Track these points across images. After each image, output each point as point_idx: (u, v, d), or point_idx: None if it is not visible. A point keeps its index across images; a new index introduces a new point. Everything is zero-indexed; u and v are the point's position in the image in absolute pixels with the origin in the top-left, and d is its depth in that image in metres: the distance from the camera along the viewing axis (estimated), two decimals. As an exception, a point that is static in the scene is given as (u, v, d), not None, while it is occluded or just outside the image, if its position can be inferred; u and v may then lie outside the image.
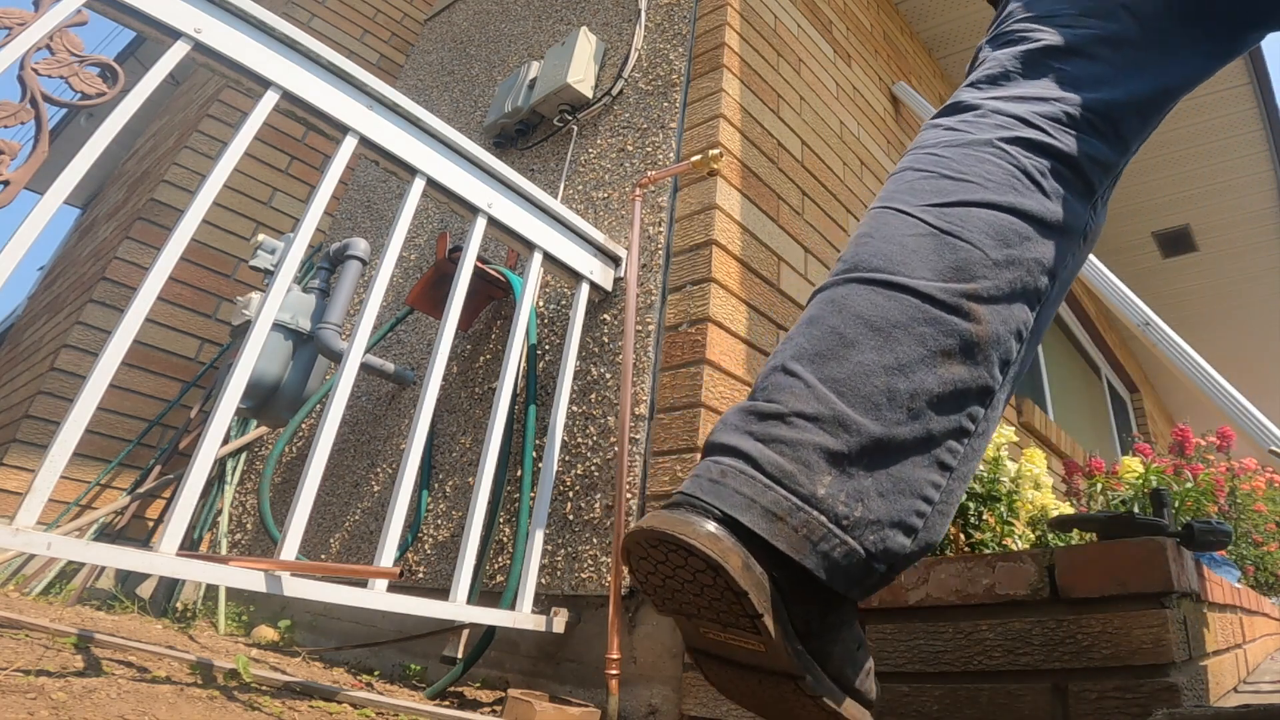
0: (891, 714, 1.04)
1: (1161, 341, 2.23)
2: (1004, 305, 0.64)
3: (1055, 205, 0.68)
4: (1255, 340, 6.14)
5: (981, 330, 0.62)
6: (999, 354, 0.63)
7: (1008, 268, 0.64)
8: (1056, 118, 0.72)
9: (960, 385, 0.61)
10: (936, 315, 0.61)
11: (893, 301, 0.62)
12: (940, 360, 0.60)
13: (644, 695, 1.36)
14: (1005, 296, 0.64)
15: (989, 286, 0.63)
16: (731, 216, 1.73)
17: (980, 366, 0.62)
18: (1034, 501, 1.61)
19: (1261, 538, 2.70)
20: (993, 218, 0.66)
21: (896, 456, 0.58)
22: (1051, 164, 0.70)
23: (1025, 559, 1.01)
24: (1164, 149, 4.21)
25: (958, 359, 0.61)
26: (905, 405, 0.58)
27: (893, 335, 0.60)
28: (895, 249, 0.65)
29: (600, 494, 1.54)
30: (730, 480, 0.57)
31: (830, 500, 0.55)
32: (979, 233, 0.65)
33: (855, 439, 0.57)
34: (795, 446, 0.57)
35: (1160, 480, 2.13)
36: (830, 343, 0.61)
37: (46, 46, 1.01)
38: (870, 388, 0.59)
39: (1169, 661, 0.87)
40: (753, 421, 0.59)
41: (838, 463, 0.57)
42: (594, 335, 1.75)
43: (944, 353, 0.60)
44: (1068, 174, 0.70)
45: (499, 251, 2.23)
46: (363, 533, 2.04)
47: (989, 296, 0.63)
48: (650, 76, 2.08)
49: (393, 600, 1.20)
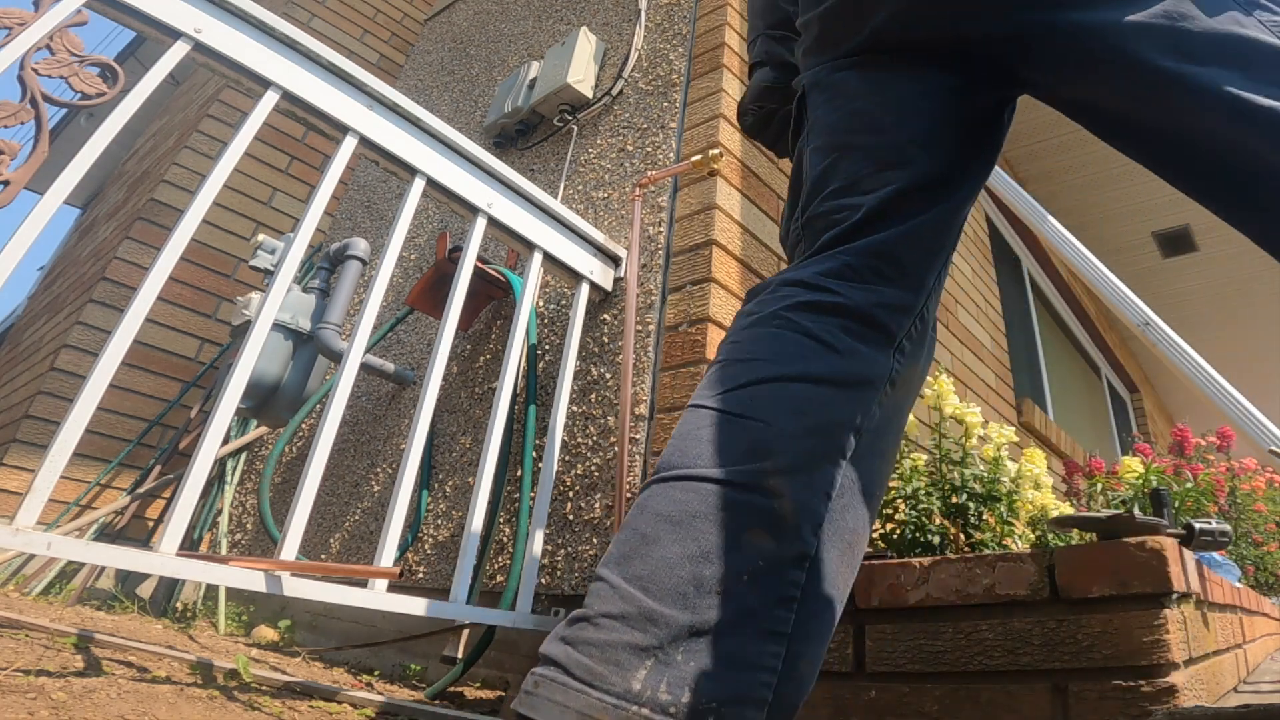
0: (891, 714, 1.04)
1: (1161, 341, 2.23)
2: (804, 474, 0.64)
3: (850, 362, 0.68)
4: (1255, 340, 6.15)
5: (784, 504, 0.62)
6: (809, 521, 0.63)
7: (805, 437, 0.65)
8: (839, 273, 0.72)
9: (771, 559, 0.61)
10: (735, 499, 0.62)
11: (690, 494, 0.63)
12: (745, 540, 0.61)
13: (644, 695, 1.35)
14: (805, 465, 0.64)
15: (786, 461, 0.63)
16: (731, 216, 1.73)
17: (789, 537, 0.62)
18: (1034, 501, 1.61)
19: (1261, 538, 2.70)
20: (783, 390, 0.66)
21: (717, 638, 0.58)
22: (840, 321, 0.70)
23: (1025, 559, 1.01)
24: (1164, 149, 4.20)
25: (764, 535, 0.61)
26: (714, 590, 0.58)
27: (693, 525, 0.61)
28: (691, 444, 0.66)
29: (600, 494, 1.54)
30: (543, 690, 0.56)
31: (649, 692, 0.55)
32: (770, 409, 0.66)
33: (665, 630, 0.57)
34: (603, 647, 0.57)
35: (1160, 480, 2.13)
36: (634, 544, 0.62)
37: (46, 46, 1.01)
38: (675, 579, 0.59)
39: (1169, 661, 0.87)
40: (565, 628, 0.60)
41: (650, 655, 0.56)
42: (594, 335, 1.75)
43: (749, 532, 0.61)
44: (858, 328, 0.70)
45: (499, 251, 2.23)
46: (363, 533, 2.04)
47: (788, 469, 0.63)
48: (650, 76, 2.08)
49: (393, 600, 1.20)
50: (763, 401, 0.66)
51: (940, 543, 1.49)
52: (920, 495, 1.54)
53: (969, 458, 1.59)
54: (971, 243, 3.36)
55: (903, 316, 0.73)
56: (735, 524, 0.61)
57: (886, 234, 0.74)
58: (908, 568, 1.10)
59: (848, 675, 1.11)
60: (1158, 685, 0.86)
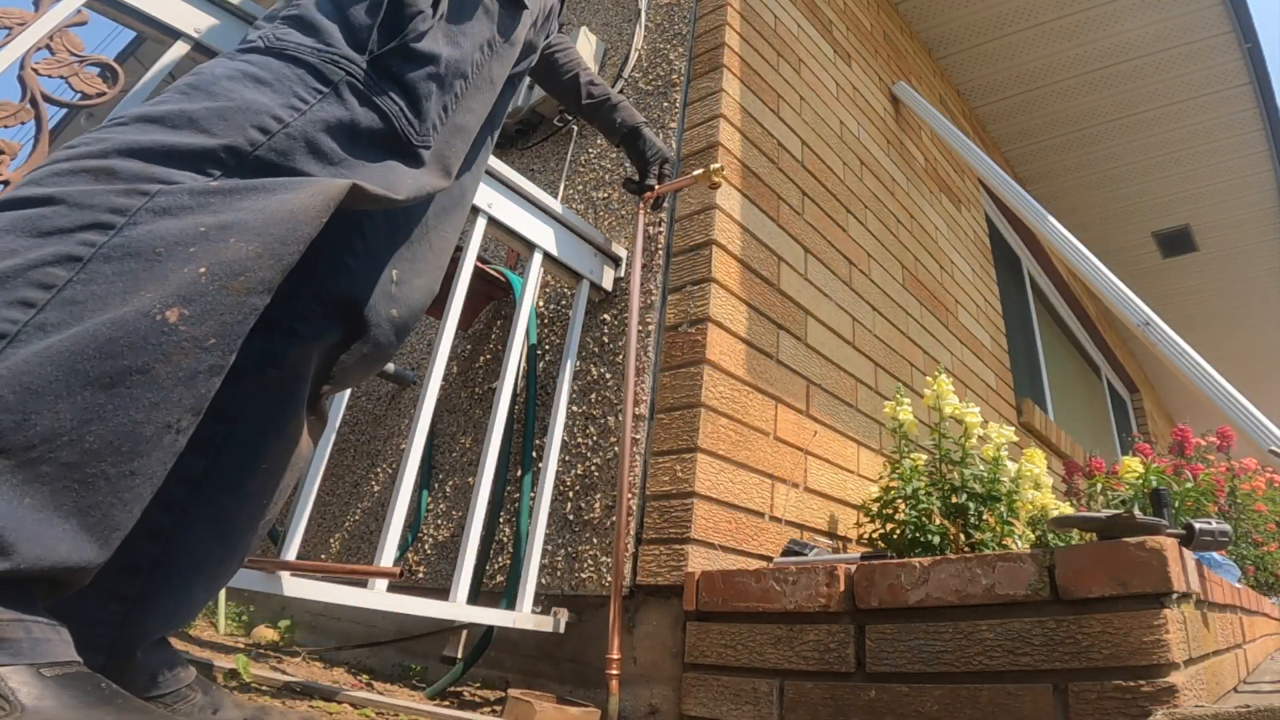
0: (891, 714, 1.04)
1: (1161, 341, 2.23)
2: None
3: None
4: (1255, 340, 6.15)
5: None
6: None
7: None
8: None
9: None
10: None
11: None
12: None
13: (644, 695, 1.36)
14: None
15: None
16: (731, 216, 1.73)
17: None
18: (1034, 501, 1.61)
19: (1261, 538, 2.70)
20: None
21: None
22: None
23: (1025, 559, 1.01)
24: (1164, 149, 4.21)
25: None
26: None
27: None
28: None
29: (600, 494, 1.54)
30: None
31: None
32: None
33: None
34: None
35: (1160, 480, 2.13)
36: None
37: (46, 46, 1.01)
38: None
39: (1169, 661, 0.87)
40: None
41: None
42: (594, 335, 1.75)
43: None
44: None
45: (499, 251, 2.23)
46: (363, 533, 2.04)
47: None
48: (650, 76, 2.08)
49: (393, 600, 1.20)
50: None
51: (940, 543, 1.49)
52: (920, 495, 1.54)
53: (969, 458, 1.59)
54: (971, 243, 3.36)
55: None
56: None
57: None
58: (908, 568, 1.10)
59: (848, 675, 1.11)
60: (1158, 685, 0.86)
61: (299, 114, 0.73)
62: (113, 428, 0.57)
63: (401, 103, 0.82)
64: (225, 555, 0.81)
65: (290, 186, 0.69)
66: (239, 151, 0.69)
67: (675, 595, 1.37)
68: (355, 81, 0.78)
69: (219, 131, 0.68)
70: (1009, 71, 3.81)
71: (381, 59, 0.81)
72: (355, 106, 0.78)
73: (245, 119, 0.70)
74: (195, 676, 0.82)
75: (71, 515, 0.56)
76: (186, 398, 0.61)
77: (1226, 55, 3.57)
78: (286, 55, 0.77)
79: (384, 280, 0.92)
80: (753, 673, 1.20)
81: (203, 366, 0.62)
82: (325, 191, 0.71)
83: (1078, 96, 3.92)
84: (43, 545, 0.54)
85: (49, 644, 0.56)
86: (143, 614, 0.73)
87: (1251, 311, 5.75)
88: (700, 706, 1.24)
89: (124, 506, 0.59)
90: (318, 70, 0.77)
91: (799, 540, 1.51)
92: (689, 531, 1.38)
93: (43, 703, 0.52)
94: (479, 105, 0.94)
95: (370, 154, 0.79)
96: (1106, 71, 3.73)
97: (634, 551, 1.44)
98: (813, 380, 1.85)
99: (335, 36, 0.80)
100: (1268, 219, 4.67)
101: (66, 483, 0.55)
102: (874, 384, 2.12)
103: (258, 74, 0.74)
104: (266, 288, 0.66)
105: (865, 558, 1.26)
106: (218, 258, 0.63)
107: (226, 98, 0.71)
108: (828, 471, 1.81)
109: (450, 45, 0.87)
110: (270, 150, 0.71)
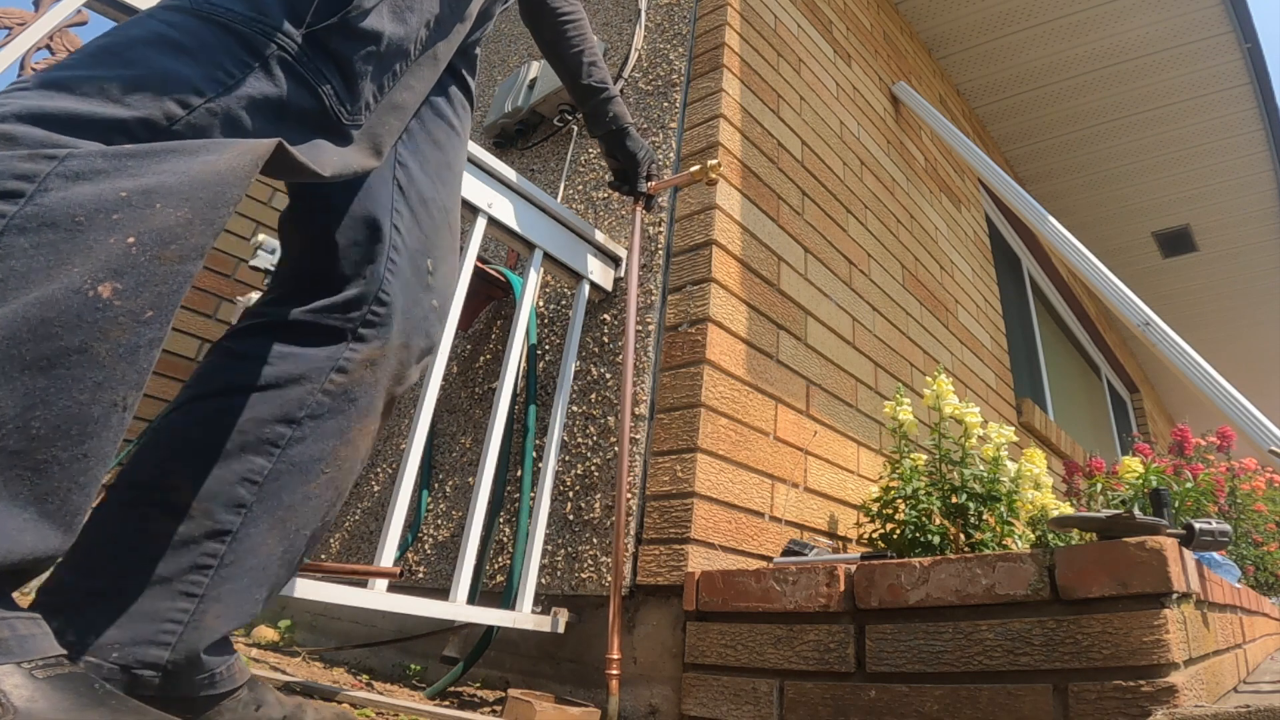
0: (891, 714, 1.04)
1: (1161, 341, 2.23)
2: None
3: None
4: (1255, 340, 6.15)
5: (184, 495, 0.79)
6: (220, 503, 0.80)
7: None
8: None
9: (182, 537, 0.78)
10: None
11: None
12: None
13: (644, 695, 1.36)
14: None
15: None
16: (731, 216, 1.73)
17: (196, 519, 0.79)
18: (1034, 501, 1.61)
19: (1261, 538, 2.71)
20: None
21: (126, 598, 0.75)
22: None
23: (1025, 559, 1.01)
24: (1164, 149, 4.21)
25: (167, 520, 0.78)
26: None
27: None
28: None
29: (600, 494, 1.54)
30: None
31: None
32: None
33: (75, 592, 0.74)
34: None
35: (1160, 480, 2.13)
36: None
37: (46, 46, 1.01)
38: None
39: (1169, 661, 0.87)
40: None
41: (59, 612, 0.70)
42: (594, 335, 1.75)
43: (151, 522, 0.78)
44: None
45: (499, 251, 2.23)
46: (363, 533, 2.04)
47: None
48: (650, 76, 2.08)
49: (393, 600, 1.20)
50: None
51: (940, 543, 1.49)
52: (920, 495, 1.54)
53: (969, 458, 1.59)
54: (971, 243, 3.36)
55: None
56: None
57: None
58: (908, 568, 1.11)
59: (848, 675, 1.11)
60: (1158, 685, 0.86)
61: (223, 88, 0.68)
62: (58, 411, 0.55)
63: (335, 81, 0.77)
64: (285, 555, 0.82)
65: (213, 148, 0.65)
66: (154, 125, 0.64)
67: (675, 595, 1.37)
68: (287, 56, 0.73)
69: (132, 103, 0.64)
70: (1009, 71, 3.81)
71: (318, 34, 0.75)
72: (284, 83, 0.73)
73: (163, 90, 0.65)
74: (250, 675, 0.83)
75: (29, 504, 0.54)
76: (130, 374, 0.59)
77: (1226, 55, 3.57)
78: (214, 20, 0.70)
79: (421, 272, 0.93)
80: (753, 673, 1.20)
81: (142, 341, 0.60)
82: (253, 150, 0.68)
83: (1078, 96, 3.92)
84: (7, 538, 0.53)
85: (35, 639, 0.56)
86: (206, 612, 0.75)
87: (1251, 311, 5.75)
88: (700, 706, 1.24)
89: (80, 490, 0.58)
90: (247, 40, 0.71)
91: (799, 540, 1.51)
92: (689, 531, 1.38)
93: (35, 704, 0.51)
94: (419, 83, 0.90)
95: (296, 133, 0.75)
96: (1107, 71, 3.74)
97: (634, 551, 1.45)
98: (813, 380, 1.85)
99: (270, 5, 0.73)
100: (1268, 219, 4.67)
101: (18, 471, 0.54)
102: (874, 384, 2.12)
103: (179, 39, 0.68)
104: (199, 254, 0.63)
105: (865, 558, 1.26)
106: (145, 225, 0.60)
107: (144, 65, 0.65)
108: (828, 471, 1.81)
109: (395, 22, 0.82)
110: (188, 126, 0.66)
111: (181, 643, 0.73)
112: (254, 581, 0.79)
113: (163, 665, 0.72)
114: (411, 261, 0.92)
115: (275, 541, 0.80)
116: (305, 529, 0.83)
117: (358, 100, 0.80)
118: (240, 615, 0.78)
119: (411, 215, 0.93)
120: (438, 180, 0.99)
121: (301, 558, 0.85)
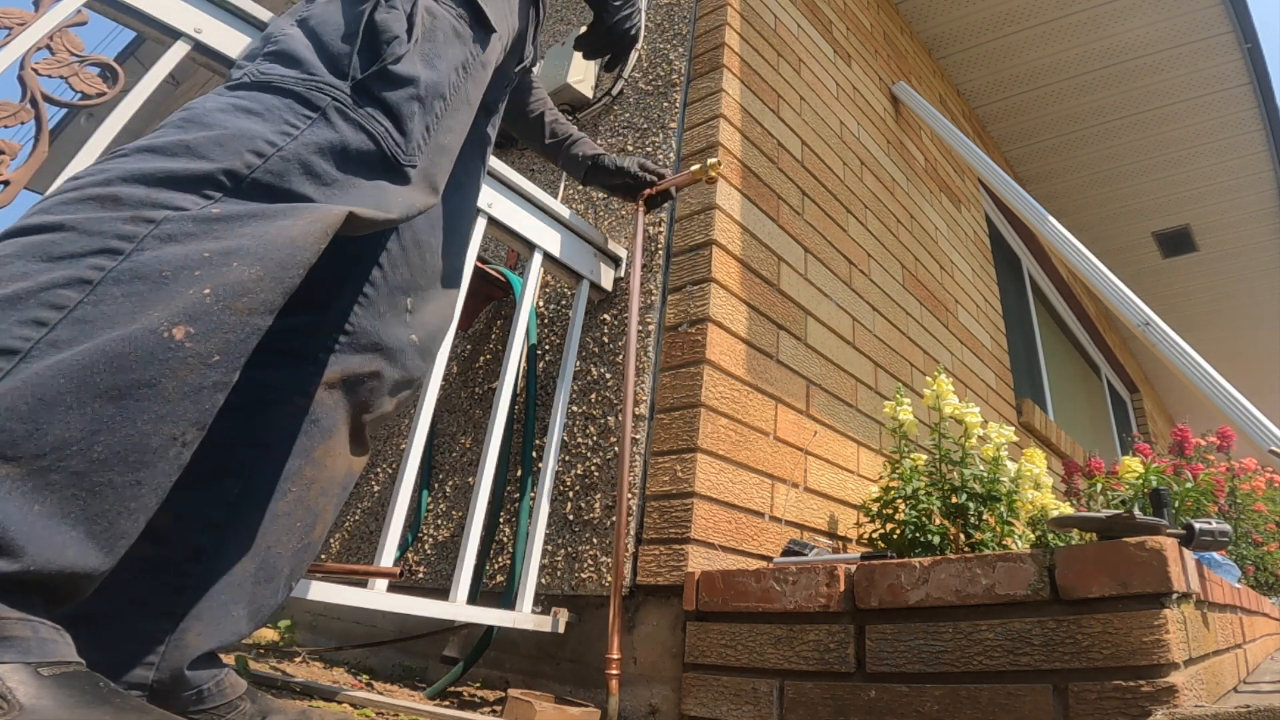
0: (891, 714, 1.04)
1: (1161, 341, 2.23)
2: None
3: None
4: (1255, 340, 6.15)
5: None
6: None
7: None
8: None
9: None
10: None
11: None
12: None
13: (644, 695, 1.36)
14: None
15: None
16: (731, 216, 1.73)
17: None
18: (1034, 501, 1.61)
19: (1261, 538, 2.71)
20: None
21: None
22: None
23: (1025, 559, 1.01)
24: (1164, 149, 4.21)
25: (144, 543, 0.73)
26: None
27: None
28: None
29: (600, 494, 1.54)
30: None
31: None
32: None
33: None
34: None
35: (1160, 480, 2.13)
36: None
37: (46, 46, 1.01)
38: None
39: (1169, 661, 0.87)
40: None
41: None
42: (594, 335, 1.75)
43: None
44: None
45: (499, 251, 2.23)
46: (363, 533, 2.04)
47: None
48: (650, 77, 2.08)
49: (393, 600, 1.20)
50: None
51: (940, 543, 1.49)
52: (920, 495, 1.54)
53: (969, 458, 1.59)
54: (971, 243, 3.36)
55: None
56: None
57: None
58: (908, 568, 1.11)
59: (848, 675, 1.11)
60: (1158, 685, 0.86)
61: (291, 138, 0.77)
62: (120, 438, 0.59)
63: (387, 123, 0.86)
64: (260, 574, 0.85)
65: (289, 214, 0.73)
66: (236, 175, 0.72)
67: (675, 595, 1.37)
68: (341, 105, 0.82)
69: (216, 157, 0.72)
70: (1009, 71, 3.81)
71: (364, 83, 0.85)
72: (344, 128, 0.82)
73: (240, 144, 0.74)
74: (246, 688, 0.85)
75: (79, 522, 0.57)
76: (191, 411, 0.64)
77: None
78: (273, 87, 0.81)
79: (399, 308, 0.99)
80: (753, 673, 1.20)
81: (207, 382, 0.65)
82: (324, 219, 0.75)
83: (1078, 96, 3.92)
84: (51, 549, 0.56)
85: (53, 645, 0.57)
86: (188, 630, 0.79)
87: (1251, 312, 5.75)
88: (700, 706, 1.24)
89: (129, 515, 0.61)
90: (304, 98, 0.81)
91: (799, 540, 1.51)
92: (689, 531, 1.38)
93: (40, 701, 0.52)
94: (458, 125, 0.99)
95: (361, 173, 0.83)
96: (1106, 71, 3.74)
97: (634, 551, 1.45)
98: (813, 380, 1.85)
99: (317, 66, 0.84)
100: (1268, 219, 4.67)
101: (75, 491, 0.57)
102: (874, 384, 2.12)
103: (248, 105, 0.78)
104: (268, 309, 0.70)
105: (865, 558, 1.26)
106: (221, 280, 0.66)
107: (221, 127, 0.75)
108: (828, 471, 1.81)
109: (427, 68, 0.91)
110: (266, 172, 0.74)
111: (165, 661, 0.76)
112: (231, 599, 0.82)
113: (149, 685, 0.75)
114: (390, 298, 0.98)
115: (248, 560, 0.84)
116: (277, 547, 0.87)
117: (410, 139, 0.88)
118: (222, 633, 0.81)
119: (402, 254, 1.00)
120: (437, 226, 1.06)
121: (284, 574, 0.88)
